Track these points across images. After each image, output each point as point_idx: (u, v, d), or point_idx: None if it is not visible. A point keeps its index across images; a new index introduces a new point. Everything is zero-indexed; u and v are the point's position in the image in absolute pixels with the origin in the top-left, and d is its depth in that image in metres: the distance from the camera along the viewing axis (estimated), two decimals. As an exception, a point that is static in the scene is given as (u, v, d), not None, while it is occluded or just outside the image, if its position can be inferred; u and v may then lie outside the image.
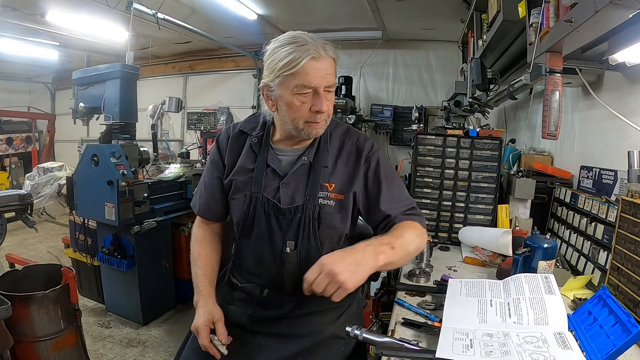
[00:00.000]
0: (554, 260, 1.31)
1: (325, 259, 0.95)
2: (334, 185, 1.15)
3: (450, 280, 1.24)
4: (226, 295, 1.25)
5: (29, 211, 2.18)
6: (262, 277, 1.18)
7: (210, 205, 1.28)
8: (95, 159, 2.71)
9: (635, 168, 1.28)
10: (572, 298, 1.24)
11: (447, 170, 1.98)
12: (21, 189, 4.25)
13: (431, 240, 1.67)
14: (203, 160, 3.87)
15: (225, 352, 1.07)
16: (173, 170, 3.45)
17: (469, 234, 1.86)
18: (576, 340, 0.90)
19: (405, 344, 0.95)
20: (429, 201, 2.01)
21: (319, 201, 1.13)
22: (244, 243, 1.20)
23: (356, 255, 0.96)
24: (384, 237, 1.06)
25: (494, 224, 1.91)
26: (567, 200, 1.77)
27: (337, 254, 0.96)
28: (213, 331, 1.10)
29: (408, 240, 1.07)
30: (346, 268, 0.92)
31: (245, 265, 1.21)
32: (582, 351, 0.86)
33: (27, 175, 5.27)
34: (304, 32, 1.06)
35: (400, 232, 1.09)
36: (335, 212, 1.14)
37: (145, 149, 3.12)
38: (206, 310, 1.13)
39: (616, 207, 1.26)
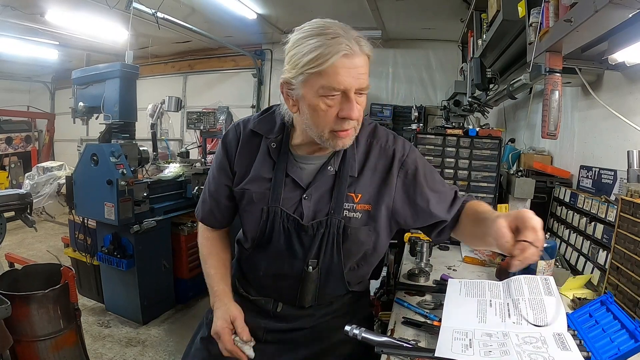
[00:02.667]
0: (554, 259, 1.31)
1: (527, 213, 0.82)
2: (360, 195, 1.02)
3: (450, 280, 1.24)
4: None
5: (28, 210, 2.18)
6: (277, 292, 1.12)
7: (214, 214, 1.16)
8: (95, 158, 2.71)
9: (635, 168, 1.28)
10: (571, 298, 1.24)
11: (446, 170, 1.98)
12: (21, 188, 4.26)
13: (430, 239, 1.67)
14: (203, 160, 3.87)
15: (252, 354, 1.00)
16: (172, 169, 3.45)
17: (469, 234, 1.85)
18: (579, 340, 0.90)
19: (404, 344, 0.95)
20: (428, 201, 2.01)
21: (344, 214, 1.02)
22: (257, 257, 1.11)
23: None
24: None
25: (493, 223, 1.91)
26: (567, 199, 1.77)
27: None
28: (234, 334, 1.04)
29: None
30: None
31: (258, 279, 1.14)
32: (587, 351, 0.86)
33: (26, 174, 5.27)
34: (335, 22, 0.91)
35: (491, 209, 1.01)
36: (362, 225, 1.03)
37: (145, 148, 3.12)
38: (223, 310, 1.06)
39: (616, 206, 1.26)
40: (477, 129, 1.99)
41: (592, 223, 1.49)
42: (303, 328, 1.13)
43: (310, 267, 1.04)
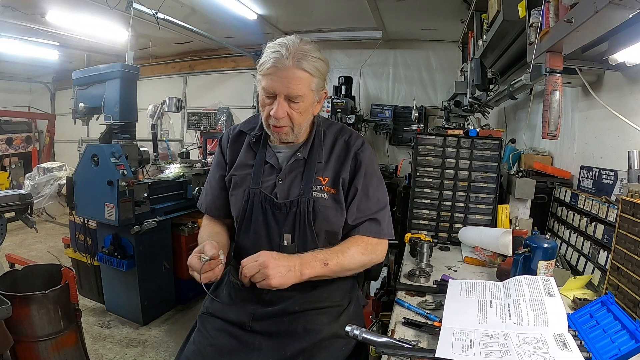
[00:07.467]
0: (554, 260, 1.30)
1: (264, 253, 1.05)
2: (327, 178, 1.21)
3: (450, 281, 1.24)
4: (227, 296, 1.25)
5: (29, 211, 2.18)
6: None
7: (215, 203, 1.34)
8: (95, 159, 2.71)
9: (635, 168, 1.28)
10: (572, 298, 1.24)
11: (447, 170, 1.98)
12: (21, 189, 4.26)
13: (431, 240, 1.67)
14: (203, 160, 3.87)
15: (215, 254, 1.07)
16: (173, 170, 3.45)
17: (469, 234, 1.86)
18: (580, 340, 0.90)
19: (404, 344, 0.95)
20: (429, 201, 2.01)
21: (313, 194, 1.18)
22: (242, 239, 1.24)
23: (290, 262, 1.06)
24: (323, 252, 1.13)
25: (494, 224, 1.91)
26: (567, 200, 1.77)
27: (275, 254, 1.06)
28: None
29: (349, 258, 1.16)
30: (277, 268, 1.02)
31: None
32: (588, 352, 0.86)
33: (27, 175, 5.26)
34: (298, 39, 1.11)
35: (344, 249, 1.17)
36: (330, 205, 1.19)
37: (145, 149, 3.12)
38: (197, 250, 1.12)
39: (616, 207, 1.26)
40: (478, 130, 1.99)
41: (593, 223, 1.49)
42: (288, 312, 1.17)
43: (286, 242, 1.17)
